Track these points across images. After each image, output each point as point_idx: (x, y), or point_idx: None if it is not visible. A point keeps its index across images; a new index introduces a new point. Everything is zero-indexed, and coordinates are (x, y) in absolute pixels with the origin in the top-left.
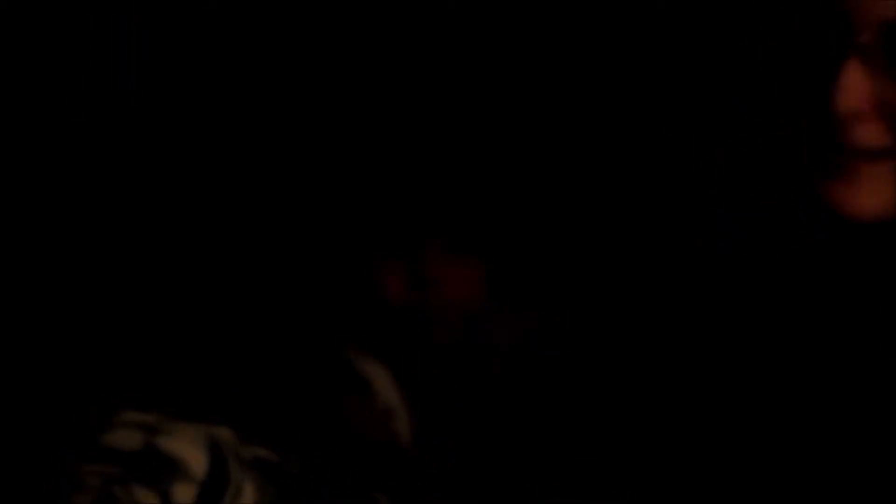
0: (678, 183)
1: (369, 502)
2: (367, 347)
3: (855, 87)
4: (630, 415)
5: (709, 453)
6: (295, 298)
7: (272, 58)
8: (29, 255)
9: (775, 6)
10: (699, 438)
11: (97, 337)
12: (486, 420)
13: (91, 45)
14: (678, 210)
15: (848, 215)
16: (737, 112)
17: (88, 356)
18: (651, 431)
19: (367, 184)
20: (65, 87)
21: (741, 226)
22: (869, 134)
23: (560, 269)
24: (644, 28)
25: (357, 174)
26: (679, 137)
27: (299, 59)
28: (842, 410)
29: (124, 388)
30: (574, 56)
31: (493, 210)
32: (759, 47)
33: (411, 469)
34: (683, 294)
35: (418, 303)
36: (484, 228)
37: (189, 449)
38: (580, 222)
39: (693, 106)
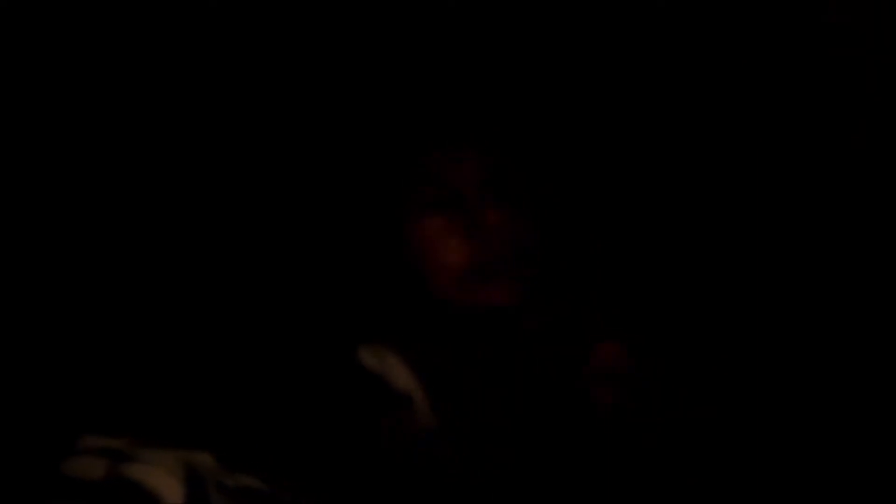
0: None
1: None
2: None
3: None
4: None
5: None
6: (309, 287)
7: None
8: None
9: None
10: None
11: (55, 347)
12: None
13: (91, 44)
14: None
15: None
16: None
17: (46, 371)
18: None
19: None
20: (65, 87)
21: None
22: None
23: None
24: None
25: None
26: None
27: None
28: (841, 410)
29: (87, 409)
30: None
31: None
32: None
33: (445, 498)
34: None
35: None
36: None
37: (162, 477)
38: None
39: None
